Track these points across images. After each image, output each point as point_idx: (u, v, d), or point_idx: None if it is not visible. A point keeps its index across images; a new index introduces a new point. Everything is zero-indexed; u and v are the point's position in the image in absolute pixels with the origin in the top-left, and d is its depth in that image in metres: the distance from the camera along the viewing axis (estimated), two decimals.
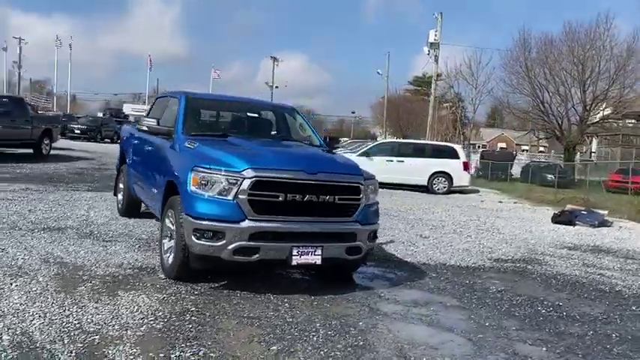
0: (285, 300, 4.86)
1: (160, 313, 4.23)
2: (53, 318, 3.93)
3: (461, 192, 18.53)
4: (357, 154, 18.87)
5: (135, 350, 3.51)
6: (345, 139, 53.62)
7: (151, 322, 4.03)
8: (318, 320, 4.42)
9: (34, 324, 3.79)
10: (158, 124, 6.01)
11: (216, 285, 5.10)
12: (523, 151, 71.88)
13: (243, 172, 4.73)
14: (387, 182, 17.39)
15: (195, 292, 4.85)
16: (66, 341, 3.55)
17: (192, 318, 4.21)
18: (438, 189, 17.87)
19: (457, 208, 13.85)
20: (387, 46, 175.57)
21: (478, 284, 6.04)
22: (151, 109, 7.51)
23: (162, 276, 5.23)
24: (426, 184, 17.91)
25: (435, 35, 32.00)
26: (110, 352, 3.45)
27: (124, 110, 71.50)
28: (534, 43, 32.03)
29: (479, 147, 62.69)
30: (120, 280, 5.01)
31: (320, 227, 4.99)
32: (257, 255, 4.77)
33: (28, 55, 58.08)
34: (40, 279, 4.80)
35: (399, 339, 4.16)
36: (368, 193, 5.35)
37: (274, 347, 3.79)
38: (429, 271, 6.48)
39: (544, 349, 4.23)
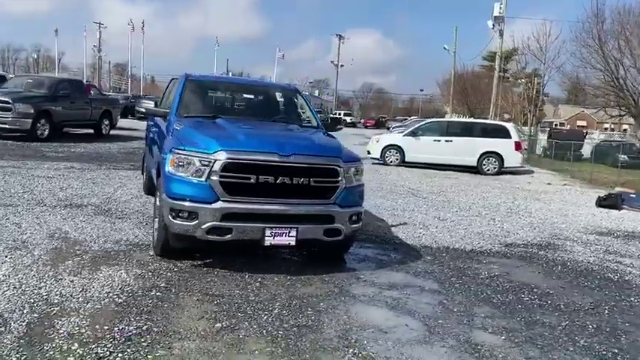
0: (259, 279, 4.98)
1: (129, 288, 4.47)
2: (26, 289, 4.25)
3: (512, 173, 17.88)
4: (404, 133, 18.62)
5: (84, 322, 3.76)
6: (413, 117, 52.79)
7: (115, 297, 4.27)
8: (280, 300, 4.51)
9: (6, 294, 4.12)
10: (156, 105, 6.25)
11: (200, 263, 5.29)
12: (605, 129, 67.96)
13: (215, 154, 4.85)
14: (433, 163, 17.13)
15: (175, 270, 5.06)
16: (25, 311, 3.85)
17: (157, 294, 4.41)
18: (488, 170, 17.34)
19: (497, 189, 13.41)
20: (458, 21, 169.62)
21: (471, 269, 5.91)
22: (165, 91, 7.78)
23: (152, 253, 5.47)
24: (475, 164, 17.42)
25: (500, 8, 30.65)
26: (59, 322, 3.71)
27: None
28: (609, 14, 29.95)
29: (555, 125, 59.79)
30: (110, 256, 5.30)
31: (294, 209, 5.04)
32: (230, 235, 4.91)
33: (112, 39, 60.74)
34: (35, 253, 5.17)
35: (351, 321, 4.18)
36: (350, 175, 5.33)
37: (219, 324, 3.92)
38: (426, 254, 6.40)
39: (502, 337, 4.13)
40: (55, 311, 3.91)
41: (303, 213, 5.08)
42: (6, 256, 4.99)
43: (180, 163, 4.92)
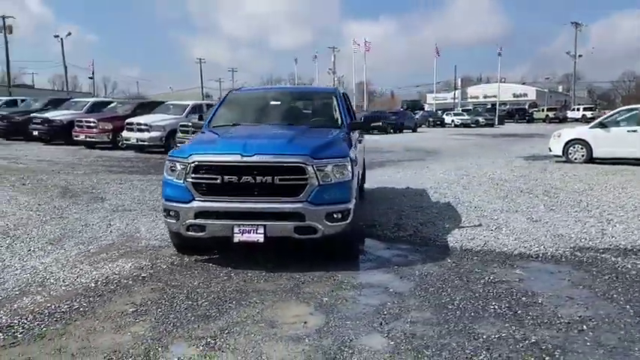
0: (233, 273, 5.28)
1: (107, 277, 5.21)
2: (27, 267, 5.32)
3: None
4: (590, 125, 16.38)
5: (40, 299, 4.59)
6: None
7: (88, 281, 5.06)
8: (226, 294, 4.74)
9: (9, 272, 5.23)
10: (200, 119, 7.00)
11: (204, 258, 5.80)
12: None
13: (188, 158, 5.35)
14: (629, 158, 14.71)
15: (171, 262, 5.68)
16: (5, 286, 4.86)
17: (123, 281, 5.08)
18: None
19: None
20: None
21: (482, 275, 5.24)
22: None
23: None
24: None
25: None
26: (21, 299, 4.60)
27: (428, 101, 74.62)
28: None
29: None
30: (137, 250, 6.16)
31: (261, 207, 5.22)
32: (204, 232, 5.34)
33: (358, 58, 64.91)
34: (67, 246, 6.30)
35: (263, 317, 4.23)
36: (327, 172, 5.28)
37: (133, 309, 4.38)
38: (452, 257, 5.85)
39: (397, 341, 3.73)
40: (29, 289, 4.83)
41: (271, 211, 5.21)
42: (43, 249, 6.20)
43: (172, 168, 5.52)
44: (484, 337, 3.79)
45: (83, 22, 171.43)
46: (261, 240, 5.21)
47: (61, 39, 52.88)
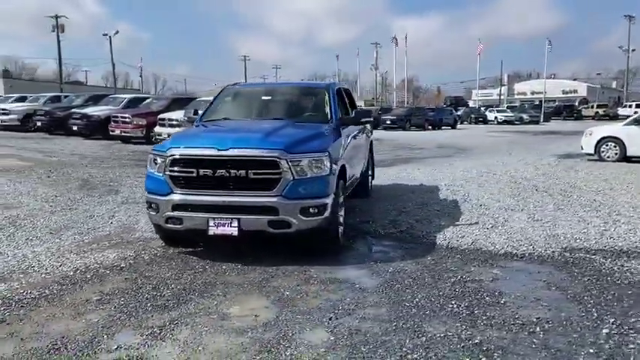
0: (208, 266, 5.36)
1: (88, 266, 5.38)
2: (18, 255, 5.56)
3: None
4: (625, 122, 15.75)
5: (16, 285, 4.80)
6: None
7: (68, 270, 5.25)
8: (192, 286, 4.81)
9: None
10: (194, 113, 7.13)
11: (188, 250, 5.91)
12: None
13: (167, 152, 5.47)
14: None
15: (154, 253, 5.82)
16: None
17: (101, 271, 5.24)
18: None
19: None
20: None
21: (456, 274, 5.13)
22: None
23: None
24: None
25: None
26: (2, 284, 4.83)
27: (473, 97, 73.22)
28: None
29: None
30: (128, 241, 6.34)
31: (235, 200, 5.27)
32: (182, 225, 5.45)
33: (401, 54, 64.33)
34: (64, 236, 6.53)
35: (218, 309, 4.29)
36: (302, 166, 5.29)
37: (98, 297, 4.52)
38: (434, 255, 5.77)
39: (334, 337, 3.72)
40: (12, 276, 5.05)
41: (245, 204, 5.26)
42: (45, 236, 6.44)
43: (154, 161, 5.64)
44: (428, 335, 3.73)
45: (136, 20, 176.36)
46: (235, 233, 5.27)
47: (110, 37, 54.56)
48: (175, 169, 5.38)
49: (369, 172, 9.38)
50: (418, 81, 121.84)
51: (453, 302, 4.35)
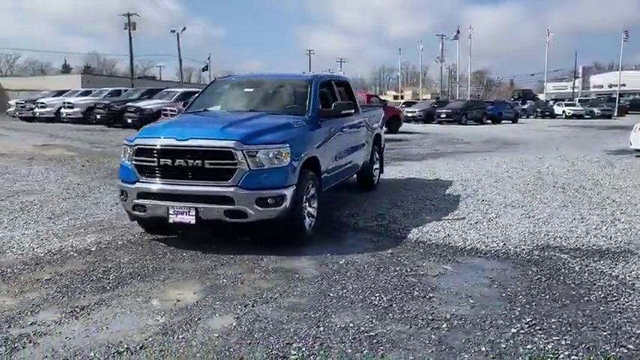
0: (173, 252, 5.54)
1: (61, 249, 5.70)
2: (6, 237, 5.98)
3: None
4: None
5: None
6: None
7: (41, 252, 5.59)
8: (140, 271, 4.98)
9: None
10: (183, 105, 7.38)
11: (162, 237, 6.13)
12: None
13: (133, 142, 5.72)
14: None
15: (129, 239, 6.07)
16: None
17: (70, 253, 5.54)
18: None
19: None
20: None
21: (403, 268, 5.06)
22: None
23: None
24: None
25: None
26: None
27: (547, 90, 70.31)
28: None
29: None
30: (114, 227, 6.66)
31: (193, 190, 5.44)
32: (145, 212, 5.68)
33: (472, 46, 62.72)
34: (59, 221, 6.93)
35: (147, 293, 4.47)
36: (259, 158, 5.38)
37: (48, 277, 4.80)
38: (396, 249, 5.70)
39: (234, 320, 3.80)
40: None
41: (202, 194, 5.42)
42: (50, 221, 6.88)
43: (125, 151, 5.92)
44: (329, 325, 3.73)
45: (211, 17, 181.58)
46: (193, 222, 5.43)
47: (177, 34, 56.53)
48: (139, 158, 5.61)
49: (375, 166, 9.32)
50: (490, 73, 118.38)
51: (378, 295, 4.31)
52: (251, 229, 5.81)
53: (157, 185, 5.56)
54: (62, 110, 26.50)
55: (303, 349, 3.38)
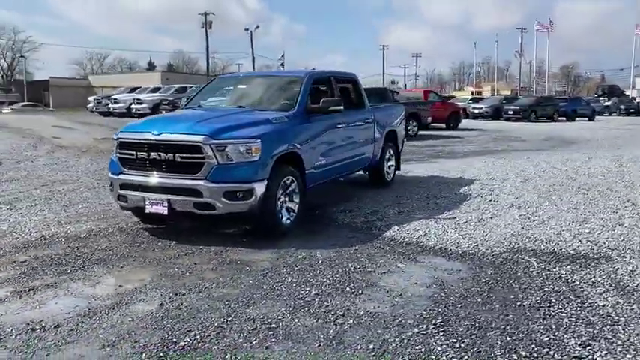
0: (155, 242, 5.81)
1: (55, 235, 6.16)
2: (16, 222, 6.53)
3: None
4: None
5: None
6: None
7: (35, 236, 6.06)
8: (110, 258, 5.32)
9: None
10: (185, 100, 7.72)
11: (153, 227, 6.47)
12: None
13: (117, 136, 6.09)
14: None
15: (122, 228, 6.43)
16: None
17: (59, 239, 5.96)
18: None
19: None
20: None
21: (356, 264, 5.06)
22: None
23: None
24: None
25: None
26: None
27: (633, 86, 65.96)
28: None
29: None
30: (115, 217, 7.07)
31: (166, 182, 5.71)
32: (127, 202, 6.04)
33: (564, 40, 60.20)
34: (69, 209, 7.44)
35: (101, 278, 4.78)
36: (227, 152, 5.57)
37: (25, 259, 5.23)
38: (365, 245, 5.70)
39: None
40: None
41: (173, 186, 5.68)
42: (60, 208, 7.42)
43: (113, 145, 6.30)
44: (239, 316, 3.84)
45: (290, 13, 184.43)
46: (165, 213, 5.71)
47: (250, 32, 58.05)
48: (122, 151, 5.96)
49: (390, 163, 9.26)
50: (579, 68, 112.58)
51: (308, 289, 4.36)
52: (234, 222, 6.01)
53: (135, 177, 5.88)
54: (132, 106, 28.02)
55: (198, 336, 3.51)
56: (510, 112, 32.18)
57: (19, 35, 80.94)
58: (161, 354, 3.29)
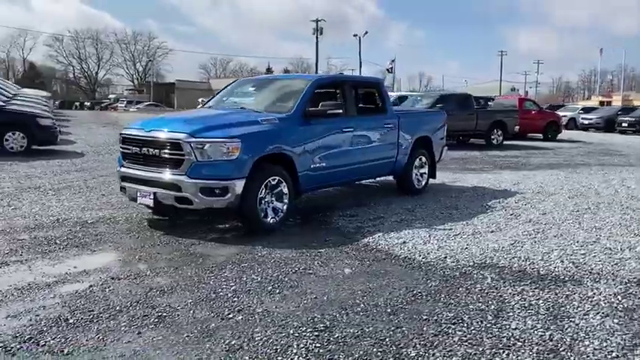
0: (142, 232, 6.27)
1: (67, 219, 6.81)
2: (49, 206, 7.31)
3: None
4: None
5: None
6: None
7: (51, 219, 6.74)
8: (88, 242, 5.85)
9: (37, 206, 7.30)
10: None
11: (158, 217, 6.96)
12: None
13: (121, 132, 6.63)
14: None
15: (132, 217, 6.95)
16: (17, 212, 6.91)
17: (70, 223, 6.59)
18: None
19: None
20: None
21: (314, 268, 5.08)
22: None
23: None
24: None
25: None
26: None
27: None
28: None
29: None
30: (133, 206, 7.65)
31: (152, 176, 6.12)
32: (126, 193, 6.56)
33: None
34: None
35: (71, 258, 5.27)
36: (206, 150, 5.86)
37: (28, 237, 5.87)
38: (334, 251, 5.69)
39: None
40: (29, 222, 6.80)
41: (158, 180, 6.08)
42: (68, 197, 8.17)
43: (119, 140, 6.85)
44: (150, 303, 4.08)
45: (411, 19, 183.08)
46: (152, 204, 6.15)
47: (359, 38, 58.50)
48: (123, 146, 6.48)
49: (422, 171, 9.08)
50: None
51: (232, 285, 4.49)
52: (232, 218, 6.36)
53: (131, 170, 6.35)
54: None
55: (91, 316, 3.79)
56: (625, 125, 29.50)
57: (154, 41, 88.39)
58: (44, 328, 3.60)
